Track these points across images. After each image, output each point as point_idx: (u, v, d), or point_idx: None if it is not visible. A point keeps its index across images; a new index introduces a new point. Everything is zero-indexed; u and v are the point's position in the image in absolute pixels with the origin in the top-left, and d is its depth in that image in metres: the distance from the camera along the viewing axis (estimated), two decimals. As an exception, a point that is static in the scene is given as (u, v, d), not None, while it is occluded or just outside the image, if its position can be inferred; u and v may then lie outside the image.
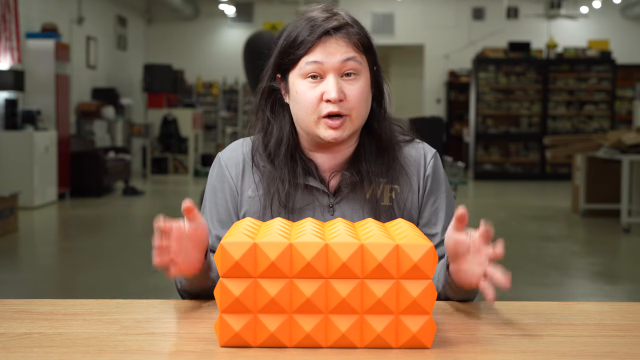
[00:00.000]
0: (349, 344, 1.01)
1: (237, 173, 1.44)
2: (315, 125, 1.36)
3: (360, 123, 1.39)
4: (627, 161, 6.88)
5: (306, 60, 1.35)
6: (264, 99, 1.44)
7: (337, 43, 1.35)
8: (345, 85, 1.35)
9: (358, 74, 1.36)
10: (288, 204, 1.39)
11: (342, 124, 1.35)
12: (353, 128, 1.37)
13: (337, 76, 1.35)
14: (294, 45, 1.36)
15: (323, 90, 1.34)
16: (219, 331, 1.01)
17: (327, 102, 1.34)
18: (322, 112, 1.35)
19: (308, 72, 1.35)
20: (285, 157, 1.40)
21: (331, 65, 1.34)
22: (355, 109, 1.36)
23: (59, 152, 8.94)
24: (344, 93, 1.34)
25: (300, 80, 1.36)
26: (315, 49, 1.35)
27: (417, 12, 14.66)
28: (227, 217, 1.44)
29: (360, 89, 1.36)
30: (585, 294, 4.61)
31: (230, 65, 14.60)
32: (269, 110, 1.44)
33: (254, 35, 6.38)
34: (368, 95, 1.39)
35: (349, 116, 1.35)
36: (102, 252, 5.89)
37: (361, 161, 1.41)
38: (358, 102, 1.36)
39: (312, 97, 1.35)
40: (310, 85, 1.35)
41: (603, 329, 1.13)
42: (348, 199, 1.41)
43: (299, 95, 1.36)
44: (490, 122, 13.07)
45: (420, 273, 1.00)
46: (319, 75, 1.35)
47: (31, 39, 8.95)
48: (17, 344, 1.02)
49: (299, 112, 1.38)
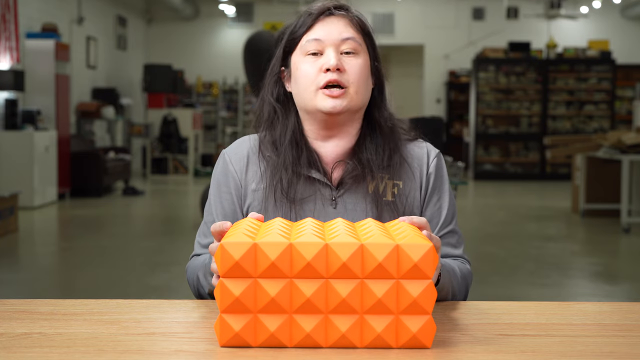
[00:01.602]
0: (349, 344, 1.01)
1: (240, 167, 1.45)
2: (315, 97, 1.38)
3: (360, 101, 1.40)
4: (627, 161, 6.88)
5: (306, 38, 1.40)
6: (270, 90, 1.47)
7: (337, 21, 1.40)
8: (344, 59, 1.39)
9: (357, 54, 1.40)
10: (290, 193, 1.39)
11: (341, 95, 1.37)
12: (352, 102, 1.38)
13: (337, 50, 1.39)
14: (296, 26, 1.42)
15: (323, 63, 1.38)
16: (219, 331, 1.01)
17: (326, 72, 1.37)
18: (321, 82, 1.37)
19: (309, 50, 1.39)
20: (290, 144, 1.41)
21: (331, 42, 1.38)
22: (355, 84, 1.38)
23: (59, 152, 8.94)
24: (343, 65, 1.38)
25: (301, 58, 1.40)
26: (315, 27, 1.40)
27: (417, 12, 14.67)
28: (231, 211, 1.44)
29: (359, 65, 1.39)
30: (585, 294, 4.61)
31: (230, 65, 14.60)
32: (274, 100, 1.46)
33: (254, 35, 6.39)
34: (368, 76, 1.41)
35: (348, 88, 1.38)
36: (102, 252, 5.89)
37: (362, 151, 1.42)
38: (357, 77, 1.38)
39: (312, 70, 1.38)
40: (310, 61, 1.39)
41: (603, 329, 1.13)
42: (350, 192, 1.41)
43: (299, 71, 1.40)
44: (490, 122, 13.07)
45: (420, 273, 1.00)
46: (319, 52, 1.39)
47: (31, 39, 8.95)
48: (17, 344, 1.02)
49: (299, 88, 1.41)
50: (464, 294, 1.42)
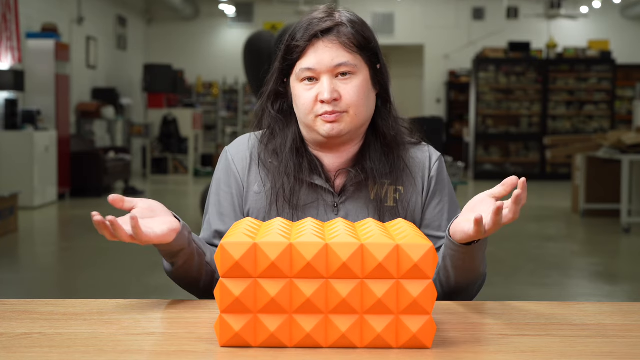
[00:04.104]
0: (349, 344, 1.01)
1: (243, 168, 1.45)
2: (314, 124, 1.38)
3: (361, 120, 1.39)
4: (627, 161, 6.88)
5: (300, 67, 1.37)
6: (271, 102, 1.45)
7: (326, 46, 1.36)
8: (339, 85, 1.36)
9: (354, 74, 1.37)
10: (292, 199, 1.39)
11: (338, 118, 1.36)
12: (352, 124, 1.37)
13: (332, 77, 1.36)
14: (289, 50, 1.39)
15: (318, 92, 1.36)
16: (219, 331, 1.01)
17: (322, 103, 1.36)
18: (319, 112, 1.36)
19: (303, 77, 1.37)
20: (291, 152, 1.41)
21: (324, 69, 1.36)
22: (353, 107, 1.36)
23: (59, 152, 8.94)
24: (339, 92, 1.36)
25: (298, 84, 1.39)
26: (307, 54, 1.37)
27: (417, 12, 14.67)
28: (230, 211, 1.44)
29: (355, 88, 1.36)
30: (585, 294, 4.61)
31: (230, 65, 14.60)
32: (275, 111, 1.45)
33: (254, 36, 6.39)
34: (368, 93, 1.39)
35: (347, 112, 1.36)
36: (102, 252, 5.89)
37: (366, 159, 1.41)
38: (354, 100, 1.36)
39: (309, 98, 1.37)
40: (306, 88, 1.37)
41: (603, 329, 1.12)
42: (353, 198, 1.42)
43: (297, 98, 1.39)
44: (490, 122, 13.07)
45: (420, 273, 1.00)
46: (315, 78, 1.37)
47: (31, 38, 8.95)
48: (17, 344, 1.02)
49: (299, 113, 1.40)
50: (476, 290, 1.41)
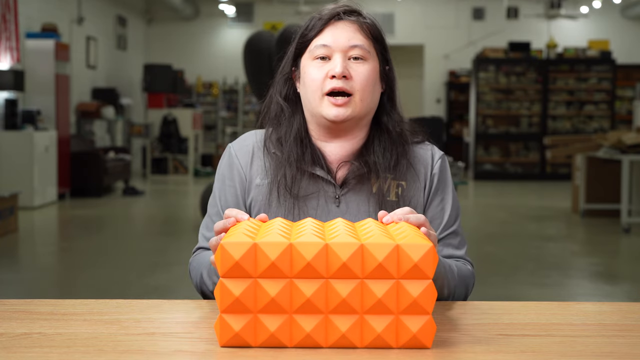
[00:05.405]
0: (349, 344, 1.01)
1: (246, 161, 1.46)
2: (320, 104, 1.39)
3: (365, 108, 1.40)
4: (627, 161, 6.88)
5: (315, 43, 1.40)
6: (279, 89, 1.47)
7: (346, 26, 1.40)
8: (351, 65, 1.39)
9: (366, 60, 1.39)
10: (293, 188, 1.40)
11: (346, 103, 1.37)
12: (357, 110, 1.38)
13: (344, 57, 1.39)
14: (307, 29, 1.42)
15: (329, 69, 1.38)
16: (219, 331, 1.01)
17: (331, 79, 1.37)
18: (326, 88, 1.38)
19: (317, 55, 1.39)
20: (295, 142, 1.42)
21: (339, 48, 1.38)
22: (361, 91, 1.38)
23: (59, 152, 8.94)
24: (349, 72, 1.38)
25: (310, 62, 1.41)
26: (325, 32, 1.40)
27: (417, 12, 14.67)
28: (235, 206, 1.44)
29: (366, 72, 1.38)
30: (585, 294, 4.61)
31: (230, 65, 14.60)
32: (282, 99, 1.46)
33: (254, 36, 6.39)
34: (375, 82, 1.41)
35: (354, 96, 1.38)
36: (102, 252, 5.89)
37: (370, 153, 1.42)
38: (363, 84, 1.38)
39: (319, 75, 1.39)
40: (318, 65, 1.39)
41: (603, 329, 1.12)
42: (354, 191, 1.42)
43: (307, 75, 1.40)
44: (490, 122, 13.07)
45: (420, 273, 1.00)
46: (328, 57, 1.39)
47: (31, 38, 8.95)
48: (17, 344, 1.02)
49: (306, 93, 1.41)
50: (464, 295, 1.42)
